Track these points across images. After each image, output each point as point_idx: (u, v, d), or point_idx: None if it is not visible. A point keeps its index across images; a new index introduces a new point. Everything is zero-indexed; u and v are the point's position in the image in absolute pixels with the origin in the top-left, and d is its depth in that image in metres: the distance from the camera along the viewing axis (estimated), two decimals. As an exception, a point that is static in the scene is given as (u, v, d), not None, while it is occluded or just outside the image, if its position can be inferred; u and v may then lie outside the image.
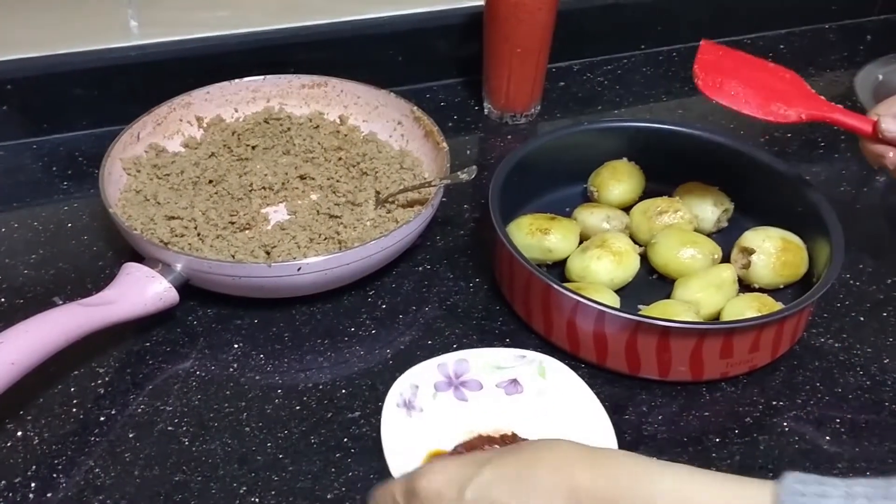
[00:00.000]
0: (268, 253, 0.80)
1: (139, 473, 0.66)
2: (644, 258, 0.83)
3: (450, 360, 0.71)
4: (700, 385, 0.75)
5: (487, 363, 0.71)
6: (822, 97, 0.79)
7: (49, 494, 0.64)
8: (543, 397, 0.70)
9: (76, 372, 0.73)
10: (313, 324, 0.79)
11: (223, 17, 0.99)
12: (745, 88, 0.77)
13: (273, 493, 0.65)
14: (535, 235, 0.81)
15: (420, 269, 0.84)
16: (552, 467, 0.49)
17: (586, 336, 0.73)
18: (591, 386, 0.72)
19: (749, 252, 0.81)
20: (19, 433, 0.68)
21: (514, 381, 0.71)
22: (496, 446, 0.66)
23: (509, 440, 0.67)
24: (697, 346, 0.71)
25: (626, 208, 0.88)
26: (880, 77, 1.16)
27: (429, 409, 0.68)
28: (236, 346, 0.76)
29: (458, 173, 0.83)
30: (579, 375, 0.74)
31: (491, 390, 0.71)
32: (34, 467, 0.66)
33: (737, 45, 1.20)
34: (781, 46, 1.22)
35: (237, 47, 1.00)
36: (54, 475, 0.65)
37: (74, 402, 0.71)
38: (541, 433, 0.68)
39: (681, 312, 0.75)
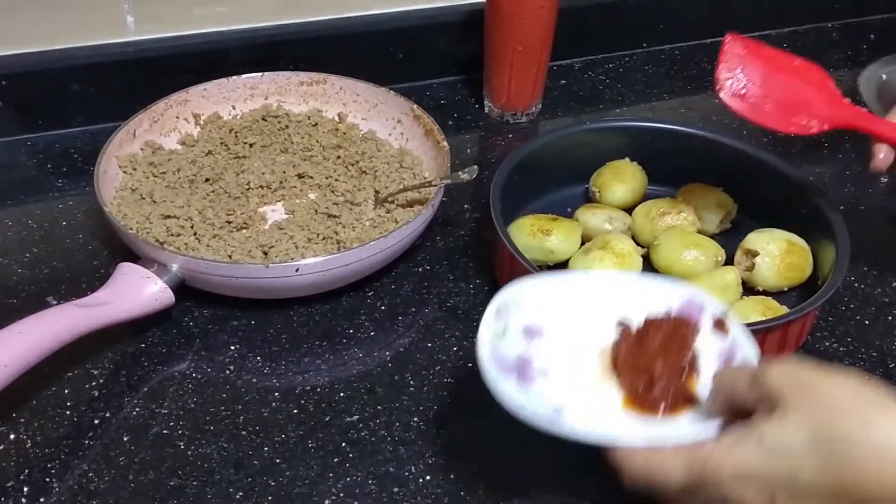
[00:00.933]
0: (265, 253, 0.79)
1: (133, 478, 0.65)
2: (646, 260, 0.82)
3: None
4: (703, 389, 0.74)
5: (489, 339, 0.59)
6: (847, 99, 0.75)
7: (42, 499, 0.63)
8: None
9: (70, 373, 0.72)
10: (311, 325, 0.77)
11: (221, 13, 0.98)
12: (769, 98, 0.72)
13: (270, 498, 0.64)
14: (537, 236, 0.80)
15: (420, 269, 0.83)
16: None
17: (588, 339, 0.72)
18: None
19: (753, 254, 0.80)
20: (12, 436, 0.67)
21: (530, 329, 0.61)
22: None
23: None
24: (701, 350, 0.70)
25: (629, 209, 0.87)
26: (884, 76, 1.15)
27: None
28: (233, 347, 0.75)
29: (459, 173, 0.82)
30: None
31: (526, 344, 0.60)
32: (27, 471, 0.65)
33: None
34: (784, 45, 1.20)
35: (235, 44, 0.99)
36: (47, 479, 0.64)
37: (68, 404, 0.70)
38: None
39: (684, 315, 0.74)
